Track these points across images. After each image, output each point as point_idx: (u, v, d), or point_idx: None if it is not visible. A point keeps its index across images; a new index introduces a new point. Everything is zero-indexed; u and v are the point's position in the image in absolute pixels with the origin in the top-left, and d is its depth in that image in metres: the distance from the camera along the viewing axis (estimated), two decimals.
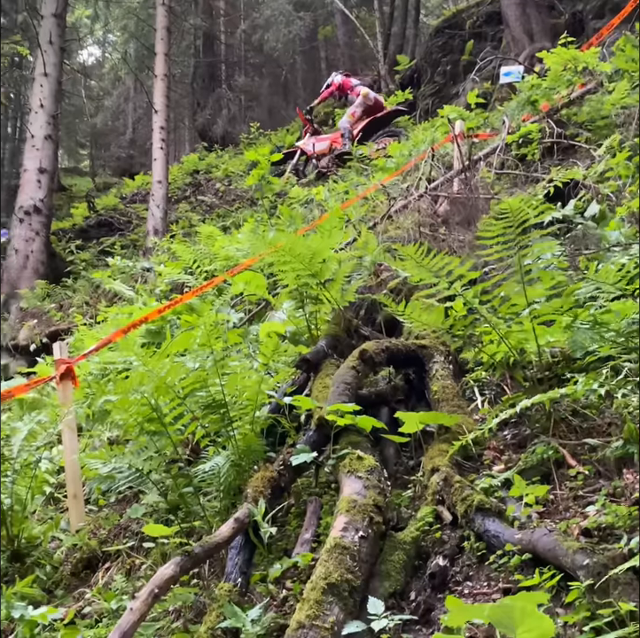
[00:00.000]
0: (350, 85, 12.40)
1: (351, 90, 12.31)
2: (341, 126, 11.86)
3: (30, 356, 9.35)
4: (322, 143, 12.05)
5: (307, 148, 12.21)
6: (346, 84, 12.42)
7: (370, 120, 11.68)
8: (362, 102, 11.86)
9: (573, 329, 2.74)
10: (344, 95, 12.55)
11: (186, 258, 7.72)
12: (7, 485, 3.89)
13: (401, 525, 2.57)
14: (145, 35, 20.24)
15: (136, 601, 2.02)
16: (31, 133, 12.09)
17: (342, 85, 12.43)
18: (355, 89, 12.19)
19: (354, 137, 11.40)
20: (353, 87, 12.32)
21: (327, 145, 11.92)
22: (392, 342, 3.60)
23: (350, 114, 11.86)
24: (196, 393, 3.35)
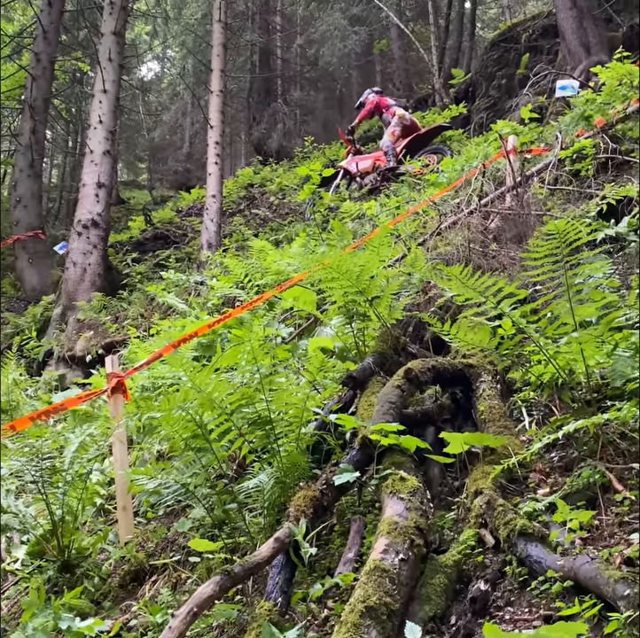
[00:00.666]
0: (386, 104, 12.47)
1: (386, 109, 12.37)
2: (384, 145, 11.95)
3: (86, 367, 9.54)
4: (365, 162, 12.15)
5: (350, 167, 12.31)
6: (382, 102, 12.50)
7: (414, 138, 11.72)
8: (399, 122, 11.94)
9: (614, 357, 2.69)
10: (379, 113, 12.61)
11: (238, 272, 7.79)
12: (58, 496, 3.95)
13: (444, 548, 2.55)
14: (203, 51, 20.58)
15: (175, 619, 2.04)
16: (90, 148, 12.36)
17: (378, 104, 12.50)
18: (391, 109, 12.26)
19: (397, 155, 11.46)
20: (388, 106, 12.39)
21: (370, 164, 12.01)
22: (438, 361, 3.57)
23: (390, 134, 11.93)
24: (242, 409, 3.38)
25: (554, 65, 11.50)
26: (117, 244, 16.46)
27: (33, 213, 14.41)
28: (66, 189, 28.19)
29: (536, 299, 3.30)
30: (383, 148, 11.91)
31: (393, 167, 11.30)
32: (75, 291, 11.42)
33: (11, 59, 17.94)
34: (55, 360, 10.30)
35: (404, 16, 21.14)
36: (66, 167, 29.93)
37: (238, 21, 21.91)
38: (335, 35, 20.07)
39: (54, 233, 20.07)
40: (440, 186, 7.11)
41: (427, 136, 11.88)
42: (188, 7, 21.24)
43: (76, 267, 11.61)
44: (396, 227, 6.25)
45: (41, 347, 10.61)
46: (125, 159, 34.35)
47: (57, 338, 10.76)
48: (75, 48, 19.29)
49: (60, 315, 11.32)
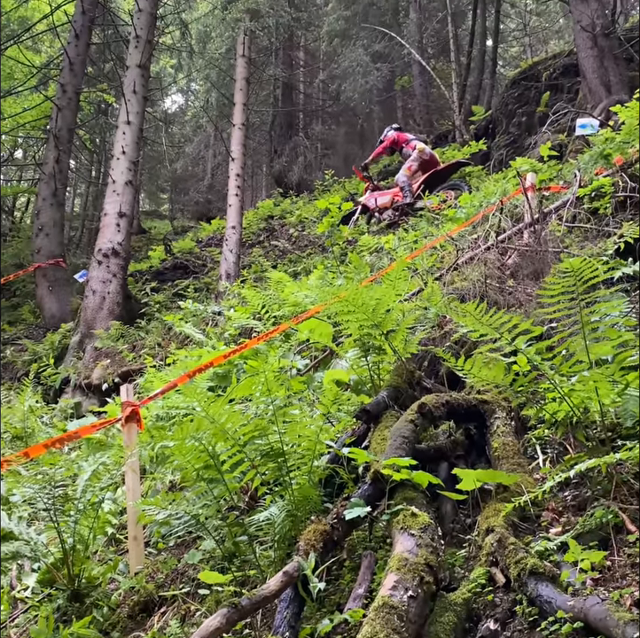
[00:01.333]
0: (406, 139, 12.61)
1: (406, 144, 12.49)
2: (399, 180, 12.02)
3: (102, 395, 9.56)
4: (383, 198, 12.26)
5: (368, 203, 12.44)
6: (401, 138, 12.64)
7: (431, 174, 11.81)
8: (419, 156, 12.04)
9: (625, 396, 2.68)
10: (399, 149, 12.71)
11: (255, 303, 7.83)
12: (70, 524, 3.95)
13: (454, 585, 2.52)
14: (226, 85, 20.89)
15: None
16: (112, 178, 12.51)
17: (397, 139, 12.64)
18: (411, 144, 12.38)
19: (415, 191, 11.54)
20: (408, 141, 12.52)
21: (389, 199, 12.12)
22: (452, 396, 3.56)
23: (407, 169, 12.02)
24: (255, 441, 3.37)
25: (574, 103, 11.56)
26: (137, 273, 16.60)
27: (54, 242, 14.57)
28: (88, 218, 28.55)
29: (552, 337, 3.29)
30: (399, 183, 12.01)
31: (410, 203, 11.38)
32: (94, 319, 11.49)
33: (38, 90, 18.32)
34: (71, 387, 10.34)
35: (426, 53, 21.37)
36: (88, 197, 30.34)
37: (261, 56, 22.25)
38: (357, 70, 20.31)
39: (75, 261, 20.29)
40: (459, 221, 7.14)
41: (446, 171, 11.97)
42: (212, 42, 21.53)
43: (95, 295, 11.69)
44: (414, 261, 6.27)
45: (58, 375, 10.66)
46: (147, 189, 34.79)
47: (74, 365, 10.82)
48: (101, 80, 19.65)
49: (78, 342, 11.39)
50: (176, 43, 20.91)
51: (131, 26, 13.66)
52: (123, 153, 12.49)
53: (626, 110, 6.67)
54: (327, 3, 25.66)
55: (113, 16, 18.12)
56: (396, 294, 4.50)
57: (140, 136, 13.15)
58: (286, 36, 22.86)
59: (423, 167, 12.05)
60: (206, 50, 20.49)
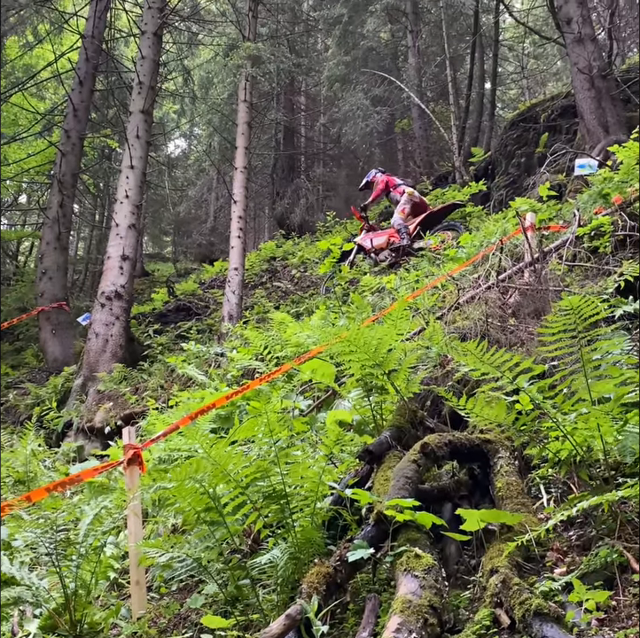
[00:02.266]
0: (394, 183, 12.88)
1: (394, 188, 12.77)
2: (395, 223, 12.20)
3: (105, 438, 9.53)
4: (379, 239, 12.42)
5: (364, 244, 12.58)
6: (390, 182, 12.91)
7: (427, 215, 12.01)
8: (409, 199, 12.33)
9: (624, 433, 2.67)
10: (387, 192, 12.96)
11: (258, 344, 7.84)
12: (72, 569, 3.90)
13: (458, 628, 2.49)
14: (228, 129, 21.18)
15: None
16: (116, 222, 12.62)
17: (388, 182, 12.91)
18: (399, 188, 12.65)
19: (411, 232, 11.74)
20: (396, 185, 12.79)
21: (385, 240, 12.28)
22: (455, 435, 3.55)
23: (401, 211, 12.26)
24: (257, 483, 3.36)
25: (573, 144, 11.69)
26: (140, 315, 16.67)
27: (58, 285, 14.64)
28: (92, 261, 28.72)
29: (553, 375, 3.29)
30: (395, 226, 12.18)
31: (406, 244, 11.54)
32: (97, 361, 11.51)
33: (42, 136, 18.55)
34: (74, 431, 10.32)
35: (425, 96, 21.65)
36: (92, 240, 30.56)
37: (263, 101, 22.61)
38: (358, 114, 20.57)
39: (78, 304, 20.35)
40: (459, 261, 7.18)
41: (441, 213, 12.13)
42: (215, 87, 21.89)
43: (98, 338, 11.72)
44: (415, 300, 6.29)
45: (60, 418, 10.64)
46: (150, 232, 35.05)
47: (76, 408, 10.80)
48: (104, 125, 19.92)
49: (81, 385, 11.39)
50: (179, 89, 21.26)
51: (134, 72, 13.90)
52: (127, 197, 12.62)
53: (624, 150, 6.75)
54: (327, 48, 26.10)
55: (117, 63, 18.46)
56: (398, 334, 4.50)
57: (143, 180, 13.29)
58: (287, 81, 23.22)
59: (414, 209, 12.32)
60: (208, 95, 20.82)
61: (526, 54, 25.94)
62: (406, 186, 12.72)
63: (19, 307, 20.81)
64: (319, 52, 27.55)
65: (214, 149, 24.18)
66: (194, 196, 30.53)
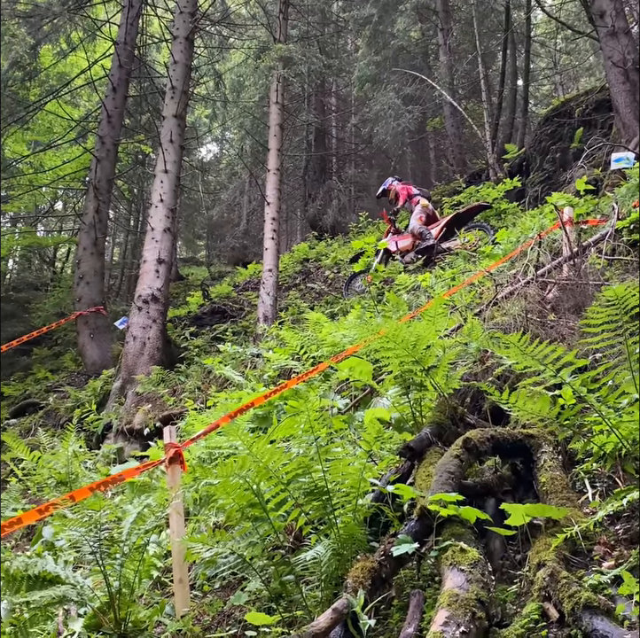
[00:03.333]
0: (411, 193, 13.16)
1: (409, 199, 13.07)
2: (415, 229, 12.41)
3: (144, 440, 9.62)
4: (405, 241, 12.63)
5: (390, 246, 12.73)
6: (409, 191, 13.21)
7: (454, 216, 12.11)
8: (423, 210, 12.63)
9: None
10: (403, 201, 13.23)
11: (294, 344, 7.85)
12: (116, 567, 3.93)
13: (506, 622, 2.46)
14: (260, 132, 21.26)
15: None
16: (151, 226, 12.72)
17: (406, 191, 13.21)
18: (414, 199, 12.94)
19: (437, 234, 12.00)
20: (412, 195, 13.08)
21: (410, 242, 12.49)
22: (497, 431, 3.52)
23: (418, 219, 12.52)
24: (299, 479, 3.35)
25: (608, 138, 11.54)
26: (175, 318, 16.79)
27: (95, 290, 14.80)
28: (127, 266, 29.03)
29: (596, 368, 3.25)
30: (415, 231, 12.38)
31: (433, 245, 11.67)
32: (135, 364, 11.60)
33: (77, 143, 18.78)
34: (114, 433, 10.42)
35: (457, 94, 21.53)
36: (127, 245, 30.90)
37: (294, 103, 22.65)
38: (389, 114, 20.53)
39: (115, 309, 20.58)
40: (496, 257, 7.12)
41: (467, 214, 12.12)
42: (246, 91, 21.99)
43: (136, 341, 11.82)
44: (452, 298, 6.25)
45: (100, 421, 10.76)
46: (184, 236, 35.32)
47: (116, 411, 10.91)
48: (138, 131, 20.09)
49: (120, 388, 11.49)
50: (211, 94, 21.38)
51: (167, 77, 14.00)
52: (161, 201, 12.71)
53: None
54: (357, 49, 26.07)
55: (149, 69, 18.61)
56: (436, 330, 4.48)
57: (177, 184, 13.38)
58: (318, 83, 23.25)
59: (428, 218, 12.61)
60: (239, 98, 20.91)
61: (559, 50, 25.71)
62: (422, 197, 12.98)
63: (57, 312, 21.11)
64: (349, 53, 27.54)
65: (246, 152, 24.29)
66: (227, 199, 30.72)
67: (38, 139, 20.77)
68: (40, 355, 20.36)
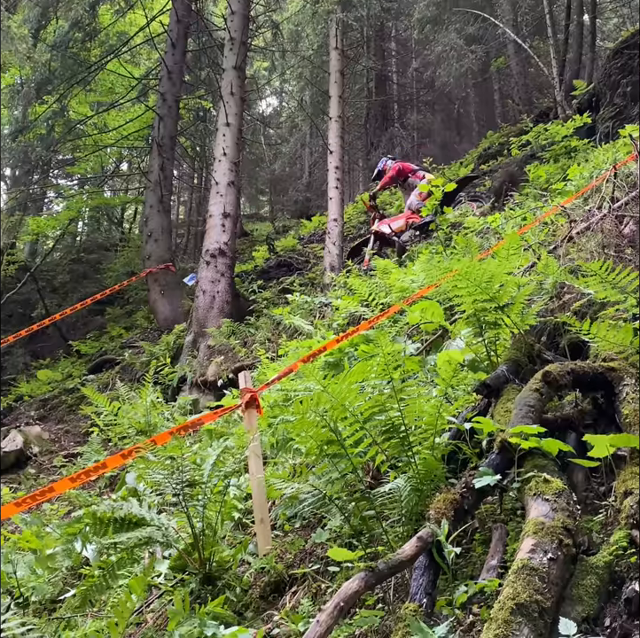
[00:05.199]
0: (411, 169, 12.82)
1: (412, 174, 12.72)
2: (413, 204, 12.22)
3: (218, 391, 9.79)
4: (397, 222, 12.42)
5: (384, 229, 12.50)
6: (406, 168, 12.82)
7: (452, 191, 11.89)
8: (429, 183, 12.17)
9: None
10: (402, 179, 12.88)
11: (362, 291, 7.83)
12: (199, 509, 4.02)
13: (593, 551, 2.44)
14: (320, 82, 21.03)
15: (323, 613, 2.03)
16: (215, 180, 12.78)
17: (402, 169, 12.79)
18: (418, 174, 12.65)
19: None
20: (414, 171, 12.76)
21: (403, 223, 12.28)
22: (577, 364, 3.44)
23: (417, 195, 12.25)
24: (375, 417, 3.36)
25: None
26: (242, 273, 16.93)
27: (163, 247, 15.00)
28: (193, 224, 29.31)
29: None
30: (413, 207, 12.19)
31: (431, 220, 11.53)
32: (205, 318, 11.77)
33: (139, 101, 18.89)
34: (188, 385, 10.64)
35: (521, 31, 20.83)
36: (192, 203, 31.14)
37: (353, 48, 22.27)
38: (451, 55, 20.03)
39: (183, 266, 20.86)
40: (568, 194, 6.92)
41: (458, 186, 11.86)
42: (304, 40, 21.70)
43: (205, 295, 11.97)
44: (523, 235, 6.11)
45: (175, 374, 10.98)
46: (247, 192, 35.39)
47: (189, 364, 11.11)
48: (198, 86, 20.09)
49: (192, 342, 11.69)
50: (269, 45, 21.19)
51: (224, 30, 13.92)
52: (224, 155, 12.73)
53: None
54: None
55: (207, 22, 18.52)
56: (510, 267, 4.39)
57: (240, 137, 13.38)
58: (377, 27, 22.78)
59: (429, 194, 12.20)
60: (298, 48, 20.67)
61: None
62: (425, 172, 12.77)
63: (127, 271, 21.52)
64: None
65: (306, 103, 24.08)
66: (288, 152, 30.60)
67: (101, 100, 20.96)
68: (113, 314, 20.84)
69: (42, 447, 11.00)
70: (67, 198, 22.07)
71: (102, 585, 3.95)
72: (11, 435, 11.11)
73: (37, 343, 20.45)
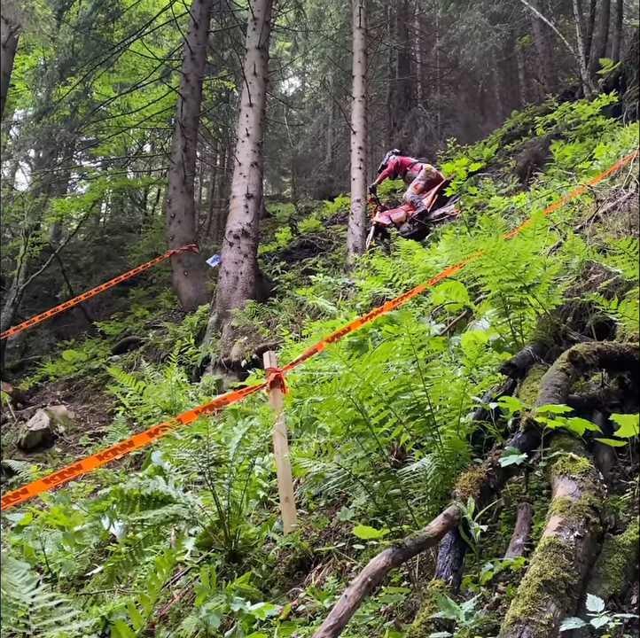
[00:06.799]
0: (409, 162, 12.96)
1: (410, 167, 12.86)
2: (407, 197, 12.36)
3: (241, 371, 9.85)
4: (397, 214, 12.55)
5: (384, 221, 12.62)
6: (405, 162, 12.98)
7: (444, 184, 11.91)
8: (425, 175, 12.40)
9: None
10: (402, 172, 13.06)
11: (386, 271, 7.81)
12: (224, 487, 4.06)
13: (619, 530, 2.44)
14: (343, 62, 20.88)
15: (351, 588, 2.05)
16: (238, 161, 12.77)
17: (401, 163, 12.95)
18: (416, 166, 12.75)
19: (429, 203, 12.02)
20: (412, 164, 12.88)
21: (403, 214, 12.42)
22: (604, 344, 3.42)
23: (413, 187, 12.38)
24: (400, 397, 3.37)
25: None
26: (265, 254, 16.94)
27: (187, 228, 15.05)
28: (216, 205, 29.34)
29: None
30: (407, 199, 12.35)
31: (424, 212, 11.64)
32: (229, 299, 11.81)
33: (162, 82, 18.88)
34: (212, 365, 10.70)
35: (546, 10, 20.51)
36: (214, 184, 31.14)
37: (377, 27, 22.10)
38: (475, 34, 19.79)
39: (206, 247, 20.91)
40: (595, 174, 6.85)
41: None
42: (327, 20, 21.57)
43: (229, 276, 12.01)
44: (549, 215, 6.07)
45: (199, 354, 11.05)
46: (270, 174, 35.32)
47: (213, 344, 11.17)
48: (221, 67, 20.02)
49: (215, 322, 11.75)
50: (292, 25, 21.06)
51: (247, 10, 13.85)
52: (247, 136, 12.72)
53: None
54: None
55: (230, 1, 18.42)
56: (536, 247, 4.36)
57: (263, 118, 13.35)
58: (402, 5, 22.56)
59: (428, 185, 12.39)
60: (320, 28, 20.53)
61: None
62: (424, 163, 12.80)
63: (150, 253, 21.61)
64: None
65: (329, 83, 23.95)
66: (311, 133, 30.49)
67: (124, 81, 20.97)
68: (137, 296, 20.96)
69: (67, 426, 11.13)
70: (91, 180, 22.16)
71: (129, 562, 4.01)
72: (38, 414, 11.25)
73: (62, 324, 20.66)
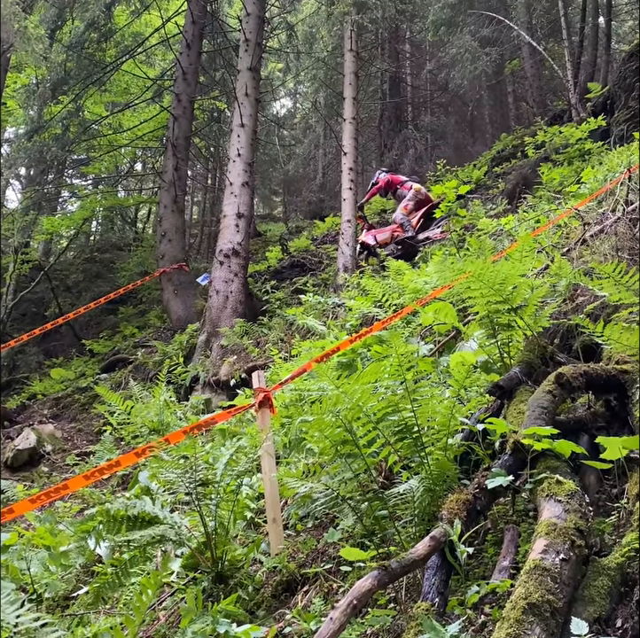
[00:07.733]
0: (400, 180, 13.12)
1: (401, 185, 13.03)
2: (397, 218, 12.48)
3: (230, 391, 9.83)
4: (383, 234, 12.73)
5: (369, 241, 12.80)
6: (395, 180, 13.16)
7: (430, 207, 12.08)
8: (415, 195, 12.55)
9: None
10: (392, 190, 13.24)
11: (376, 291, 7.84)
12: (211, 508, 4.04)
13: (605, 552, 2.45)
14: (334, 83, 21.03)
15: (336, 611, 2.05)
16: (229, 181, 12.82)
17: (391, 181, 13.15)
18: (406, 185, 12.90)
19: (415, 225, 12.13)
20: (403, 182, 13.03)
21: (389, 235, 12.59)
22: (590, 366, 3.45)
23: (403, 208, 12.52)
24: (388, 418, 3.38)
25: None
26: (255, 273, 16.97)
27: (177, 247, 15.06)
28: (207, 224, 29.40)
29: None
30: (397, 220, 12.45)
31: (411, 236, 11.75)
32: (218, 318, 11.82)
33: (154, 101, 18.97)
34: (201, 384, 10.68)
35: (536, 34, 20.78)
36: (205, 203, 31.22)
37: (368, 49, 22.29)
38: (465, 57, 19.99)
39: (196, 266, 20.92)
40: (582, 197, 6.92)
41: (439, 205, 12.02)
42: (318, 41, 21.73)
43: (219, 294, 12.02)
44: (537, 238, 6.11)
45: (187, 373, 11.03)
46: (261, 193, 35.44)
47: (202, 363, 11.16)
48: (213, 87, 20.12)
49: (205, 341, 11.74)
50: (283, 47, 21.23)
51: (239, 31, 13.97)
52: (239, 155, 12.78)
53: None
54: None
55: (222, 23, 18.57)
56: (523, 269, 4.40)
57: (254, 138, 13.42)
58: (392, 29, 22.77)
59: (417, 205, 12.53)
60: (312, 50, 20.69)
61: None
62: (413, 183, 12.93)
63: (140, 271, 21.59)
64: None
65: (320, 104, 24.10)
66: (302, 153, 30.64)
67: (116, 100, 21.05)
68: (126, 314, 20.93)
69: (55, 445, 11.07)
70: (82, 198, 22.18)
71: (115, 582, 3.98)
72: (25, 433, 11.18)
73: (51, 342, 20.58)
